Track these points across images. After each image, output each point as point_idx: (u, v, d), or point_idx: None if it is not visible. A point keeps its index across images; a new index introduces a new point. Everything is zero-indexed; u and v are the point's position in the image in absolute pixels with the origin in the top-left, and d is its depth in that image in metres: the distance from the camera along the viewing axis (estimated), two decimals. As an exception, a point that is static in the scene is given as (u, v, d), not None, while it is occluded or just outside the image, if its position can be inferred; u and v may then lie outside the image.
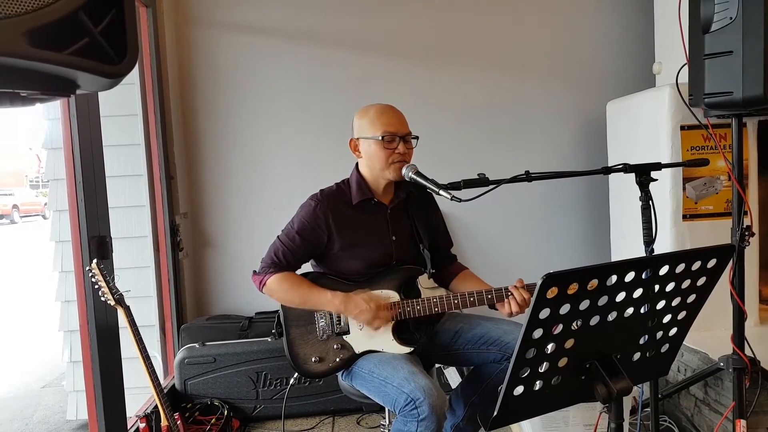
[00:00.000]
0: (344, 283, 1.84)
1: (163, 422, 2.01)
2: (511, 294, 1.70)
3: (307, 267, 1.92)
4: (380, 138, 1.76)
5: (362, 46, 3.16)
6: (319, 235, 1.81)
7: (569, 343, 1.05)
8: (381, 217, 1.87)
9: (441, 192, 1.58)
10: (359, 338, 1.80)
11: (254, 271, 1.86)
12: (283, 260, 1.82)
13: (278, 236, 1.86)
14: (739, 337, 1.99)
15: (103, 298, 1.88)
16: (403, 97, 2.20)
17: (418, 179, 1.69)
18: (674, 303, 1.13)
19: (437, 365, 2.53)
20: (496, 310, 1.77)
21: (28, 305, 6.43)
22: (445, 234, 2.05)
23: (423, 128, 1.89)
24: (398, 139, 1.77)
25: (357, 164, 1.89)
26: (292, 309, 1.84)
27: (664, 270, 1.07)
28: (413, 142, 1.83)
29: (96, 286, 1.87)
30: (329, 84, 3.15)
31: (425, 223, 1.94)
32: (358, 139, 1.84)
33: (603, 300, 1.04)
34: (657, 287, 1.09)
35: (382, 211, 1.87)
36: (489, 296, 1.73)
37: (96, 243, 1.96)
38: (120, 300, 1.88)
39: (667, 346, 1.21)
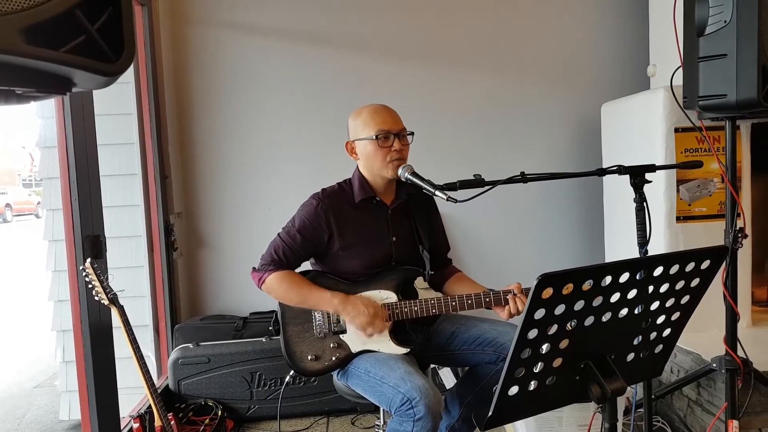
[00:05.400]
0: (343, 283, 1.84)
1: (157, 422, 2.00)
2: (508, 302, 1.71)
3: (305, 265, 1.92)
4: (375, 137, 1.77)
5: (359, 46, 3.16)
6: (320, 234, 1.81)
7: (564, 344, 1.05)
8: (382, 218, 1.87)
9: (437, 193, 1.59)
10: (356, 338, 1.80)
11: (254, 268, 1.86)
12: (283, 258, 1.82)
13: (279, 234, 1.85)
14: (731, 338, 2.01)
15: (96, 298, 1.87)
16: (400, 98, 2.21)
17: (415, 180, 1.69)
18: (668, 304, 1.14)
19: (432, 366, 2.53)
20: (491, 309, 1.77)
21: (21, 305, 6.39)
22: (443, 238, 2.05)
23: (419, 129, 1.90)
24: (393, 137, 1.78)
25: (357, 166, 1.89)
26: (290, 307, 1.84)
27: (658, 271, 1.07)
28: (409, 138, 1.83)
29: (90, 286, 1.86)
30: (326, 83, 3.14)
31: (426, 225, 1.94)
32: (353, 141, 1.85)
33: (598, 301, 1.04)
34: (651, 288, 1.09)
35: (383, 211, 1.87)
36: (487, 299, 1.74)
37: (90, 242, 1.95)
38: (114, 299, 1.87)
39: (660, 346, 1.21)
